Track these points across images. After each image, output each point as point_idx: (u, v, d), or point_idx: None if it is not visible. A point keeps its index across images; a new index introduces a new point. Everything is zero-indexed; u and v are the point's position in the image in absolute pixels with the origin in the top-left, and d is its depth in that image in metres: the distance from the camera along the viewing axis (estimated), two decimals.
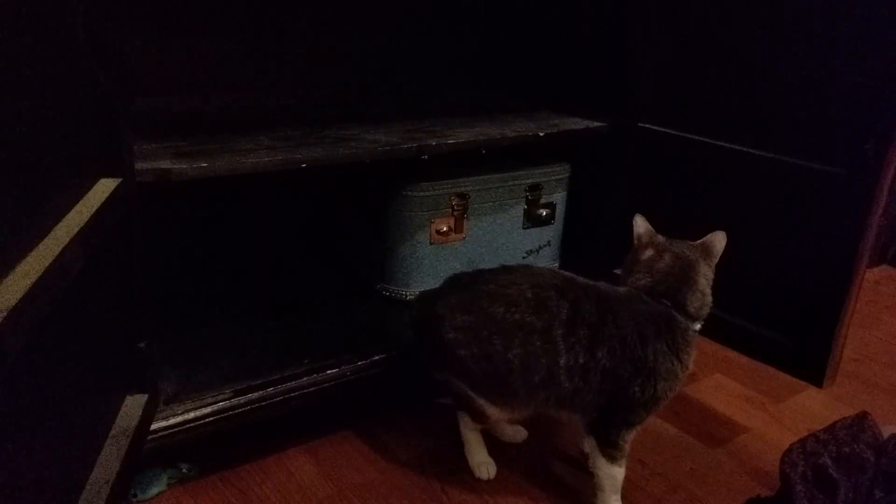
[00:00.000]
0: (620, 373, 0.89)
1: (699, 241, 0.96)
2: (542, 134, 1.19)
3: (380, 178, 1.21)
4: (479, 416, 1.00)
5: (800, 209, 1.05)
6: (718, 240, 0.95)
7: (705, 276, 0.94)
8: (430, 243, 1.23)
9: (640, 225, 0.98)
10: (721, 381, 1.34)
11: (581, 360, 0.90)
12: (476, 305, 0.93)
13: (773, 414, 1.25)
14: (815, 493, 0.93)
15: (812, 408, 1.27)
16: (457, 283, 0.99)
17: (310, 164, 0.96)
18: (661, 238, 0.97)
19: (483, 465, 1.05)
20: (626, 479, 1.06)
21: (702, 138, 1.15)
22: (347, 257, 1.37)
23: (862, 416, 1.03)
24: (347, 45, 1.38)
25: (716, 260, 0.95)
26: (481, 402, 0.96)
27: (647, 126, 1.23)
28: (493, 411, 0.97)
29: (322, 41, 1.35)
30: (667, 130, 1.20)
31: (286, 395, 1.01)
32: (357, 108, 1.30)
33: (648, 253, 0.95)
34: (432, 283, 1.14)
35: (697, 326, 0.94)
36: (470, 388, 0.96)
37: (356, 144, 1.03)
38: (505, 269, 0.98)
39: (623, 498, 1.00)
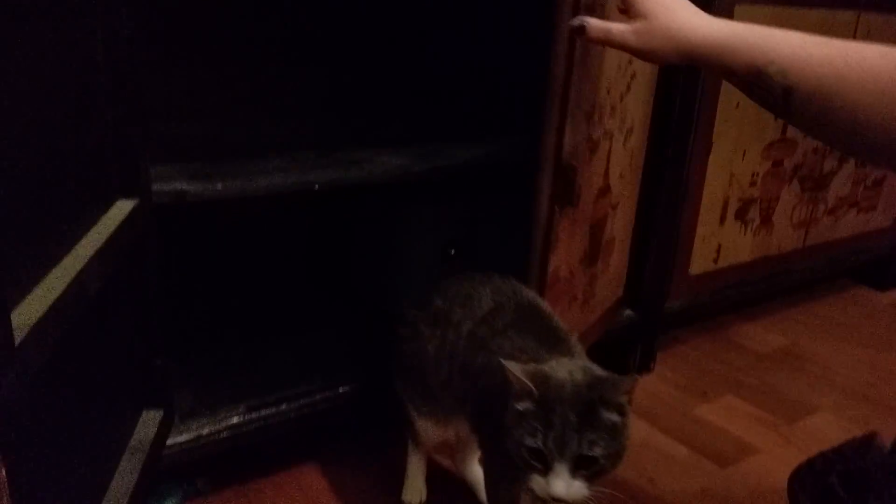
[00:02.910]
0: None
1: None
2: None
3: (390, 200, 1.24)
4: (414, 435, 0.99)
5: None
6: None
7: None
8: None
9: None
10: (732, 403, 1.34)
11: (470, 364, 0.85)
12: (427, 301, 0.93)
13: (784, 435, 1.24)
14: None
15: (824, 429, 1.26)
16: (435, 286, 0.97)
17: (322, 186, 0.99)
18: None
19: (413, 490, 1.03)
20: (636, 497, 1.06)
21: None
22: (358, 279, 1.39)
23: (871, 436, 1.02)
24: (356, 74, 1.41)
25: None
26: (412, 411, 0.96)
27: None
28: (421, 424, 0.96)
29: (331, 69, 1.38)
30: None
31: (298, 412, 1.03)
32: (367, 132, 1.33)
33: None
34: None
35: None
36: (404, 392, 0.96)
37: (367, 167, 1.05)
38: (476, 273, 0.95)
39: None
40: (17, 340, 0.51)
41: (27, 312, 0.54)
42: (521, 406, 0.70)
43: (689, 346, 1.54)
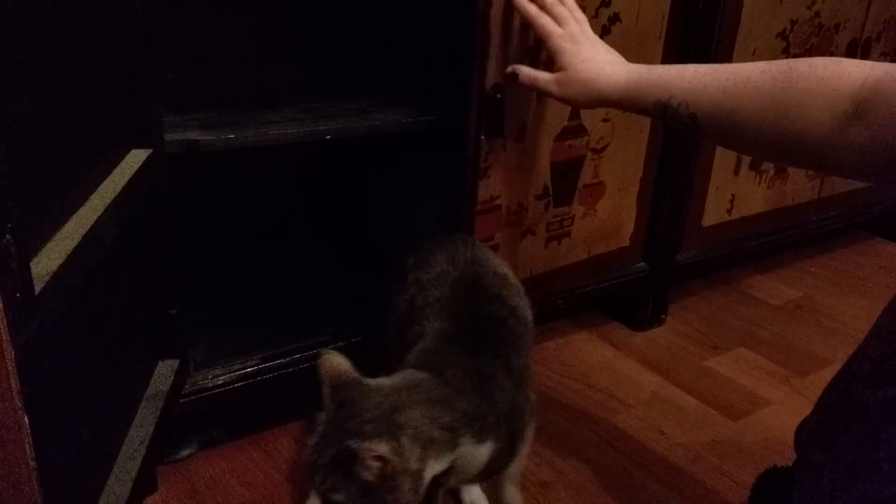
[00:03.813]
0: None
1: None
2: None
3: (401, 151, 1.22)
4: None
5: None
6: None
7: None
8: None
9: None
10: (744, 355, 1.34)
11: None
12: (405, 257, 0.91)
13: (796, 388, 1.25)
14: None
15: None
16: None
17: (334, 136, 0.97)
18: None
19: None
20: (647, 449, 1.07)
21: None
22: (369, 230, 1.38)
23: None
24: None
25: None
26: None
27: None
28: None
29: (343, 15, 1.35)
30: None
31: (311, 362, 1.03)
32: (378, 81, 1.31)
33: None
34: None
35: None
36: (391, 349, 0.91)
37: (378, 116, 1.04)
38: (458, 235, 0.94)
39: (643, 468, 1.01)
40: (37, 290, 0.50)
41: (46, 262, 0.53)
42: (319, 415, 0.66)
43: (701, 299, 1.54)
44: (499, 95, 0.97)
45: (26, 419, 0.51)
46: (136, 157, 0.77)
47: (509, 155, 1.05)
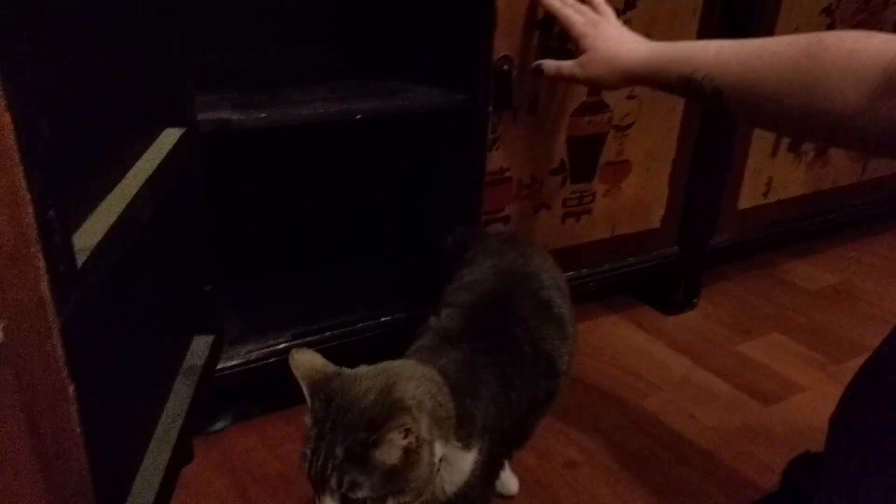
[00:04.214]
0: None
1: None
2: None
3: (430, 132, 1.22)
4: None
5: None
6: None
7: None
8: None
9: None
10: (778, 340, 1.32)
11: None
12: (465, 245, 0.90)
13: (832, 375, 1.23)
14: None
15: None
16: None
17: (364, 115, 0.98)
18: None
19: None
20: (676, 432, 1.07)
21: None
22: (398, 210, 1.39)
23: None
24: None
25: None
26: None
27: None
28: None
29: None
30: None
31: (342, 340, 1.05)
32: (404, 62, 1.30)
33: None
34: None
35: None
36: None
37: (408, 97, 1.04)
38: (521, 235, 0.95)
39: (670, 450, 1.01)
40: (79, 263, 0.52)
41: (86, 237, 0.55)
42: (306, 416, 0.61)
43: (735, 283, 1.51)
44: (506, 67, 0.99)
45: (72, 388, 0.53)
46: (170, 136, 0.79)
47: (520, 128, 1.06)
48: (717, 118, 1.22)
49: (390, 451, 0.58)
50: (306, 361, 0.63)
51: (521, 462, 0.98)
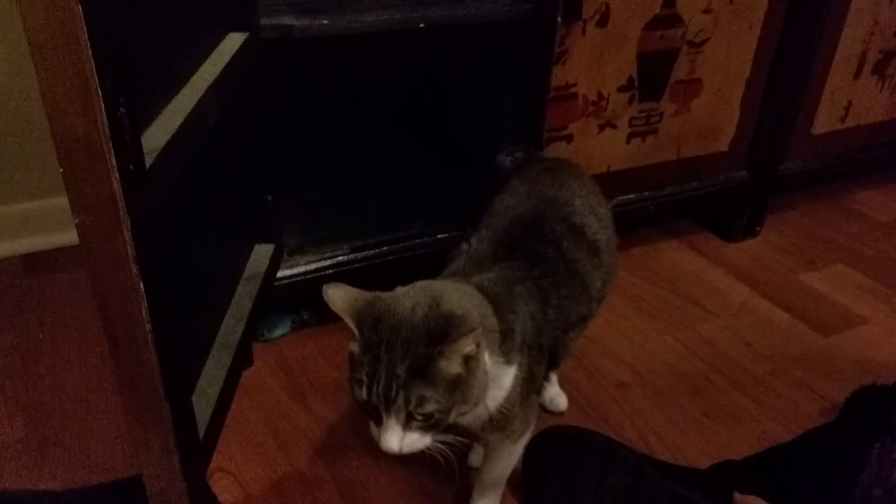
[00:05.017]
0: None
1: None
2: None
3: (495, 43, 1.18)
4: None
5: None
6: None
7: None
8: None
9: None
10: (842, 271, 1.28)
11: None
12: (516, 170, 0.88)
13: None
14: None
15: None
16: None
17: (428, 24, 0.94)
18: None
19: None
20: (730, 359, 1.05)
21: None
22: (456, 126, 1.36)
23: None
24: None
25: None
26: None
27: None
28: None
29: None
30: None
31: (399, 255, 1.05)
32: None
33: None
34: None
35: None
36: None
37: (475, 5, 1.00)
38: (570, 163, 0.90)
39: (724, 376, 1.00)
40: (148, 163, 0.53)
41: (154, 137, 0.55)
42: (352, 347, 0.61)
43: (801, 212, 1.46)
44: None
45: (142, 286, 0.54)
46: (233, 41, 0.78)
47: (589, 41, 1.01)
48: (798, 36, 1.15)
49: (454, 361, 0.58)
50: (342, 294, 0.63)
51: (572, 380, 0.99)
